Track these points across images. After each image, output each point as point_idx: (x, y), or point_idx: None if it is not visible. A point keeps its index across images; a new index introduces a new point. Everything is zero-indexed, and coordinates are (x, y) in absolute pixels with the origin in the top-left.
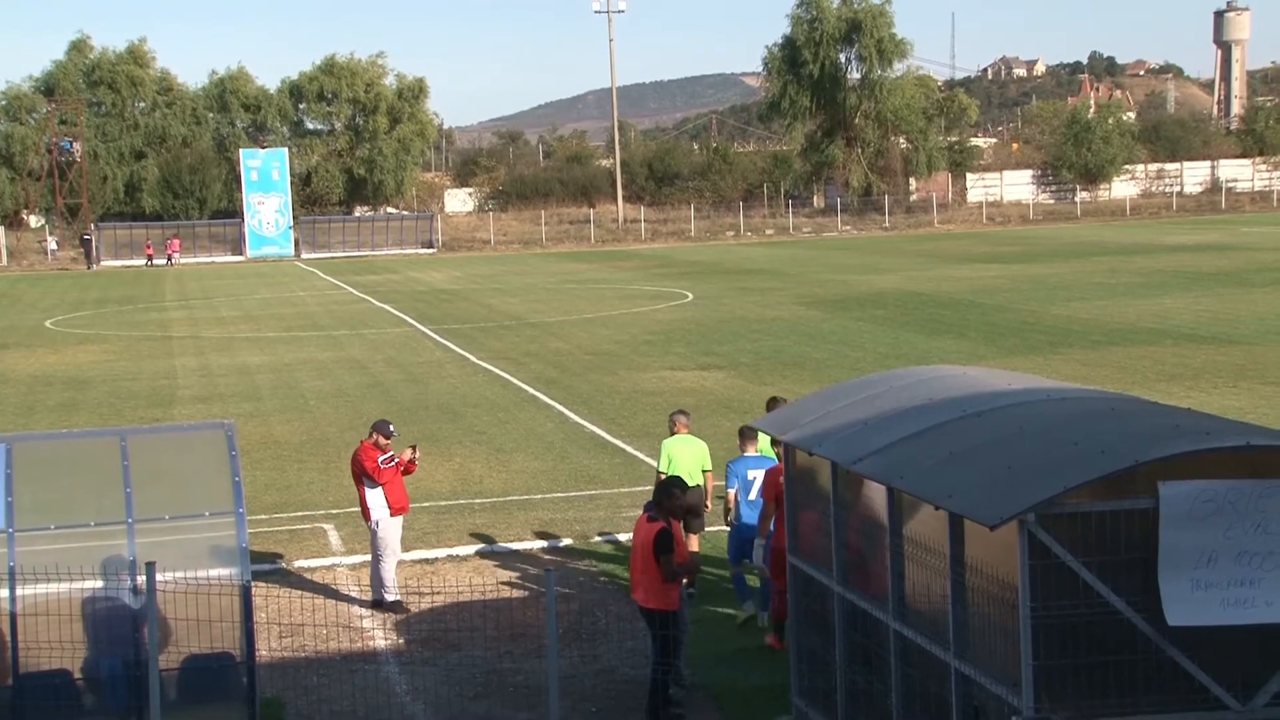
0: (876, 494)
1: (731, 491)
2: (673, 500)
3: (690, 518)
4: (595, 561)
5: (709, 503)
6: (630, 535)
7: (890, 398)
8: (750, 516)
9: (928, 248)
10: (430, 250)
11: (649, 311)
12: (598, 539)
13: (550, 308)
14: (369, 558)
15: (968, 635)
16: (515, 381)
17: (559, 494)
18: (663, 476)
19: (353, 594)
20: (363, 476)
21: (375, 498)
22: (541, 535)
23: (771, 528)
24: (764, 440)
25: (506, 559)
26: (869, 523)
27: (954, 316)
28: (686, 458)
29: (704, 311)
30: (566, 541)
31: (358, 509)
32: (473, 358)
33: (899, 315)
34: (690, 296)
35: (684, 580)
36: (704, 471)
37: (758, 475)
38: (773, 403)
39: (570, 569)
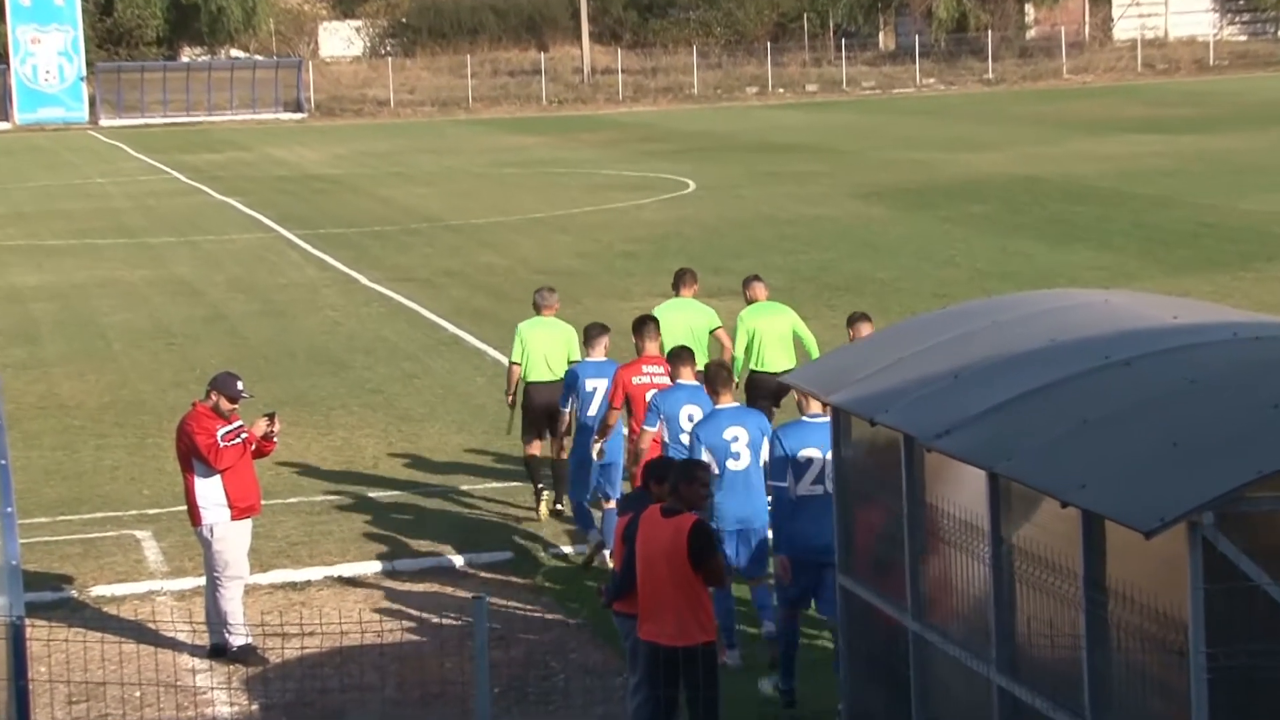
0: (971, 484)
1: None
2: (695, 484)
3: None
4: (549, 584)
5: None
6: (611, 547)
7: (992, 339)
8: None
9: (1052, 110)
10: (298, 115)
11: (629, 209)
12: (552, 551)
13: (480, 203)
14: (204, 581)
15: (1109, 693)
16: (428, 315)
17: (493, 483)
18: (515, 367)
19: (180, 636)
20: (193, 458)
21: (210, 491)
22: (467, 546)
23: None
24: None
25: (414, 581)
26: (960, 528)
27: (1091, 215)
28: (544, 344)
29: (712, 209)
30: (504, 555)
31: (185, 508)
32: (363, 279)
33: (1007, 214)
34: (692, 186)
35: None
36: (571, 361)
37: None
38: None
39: (511, 596)
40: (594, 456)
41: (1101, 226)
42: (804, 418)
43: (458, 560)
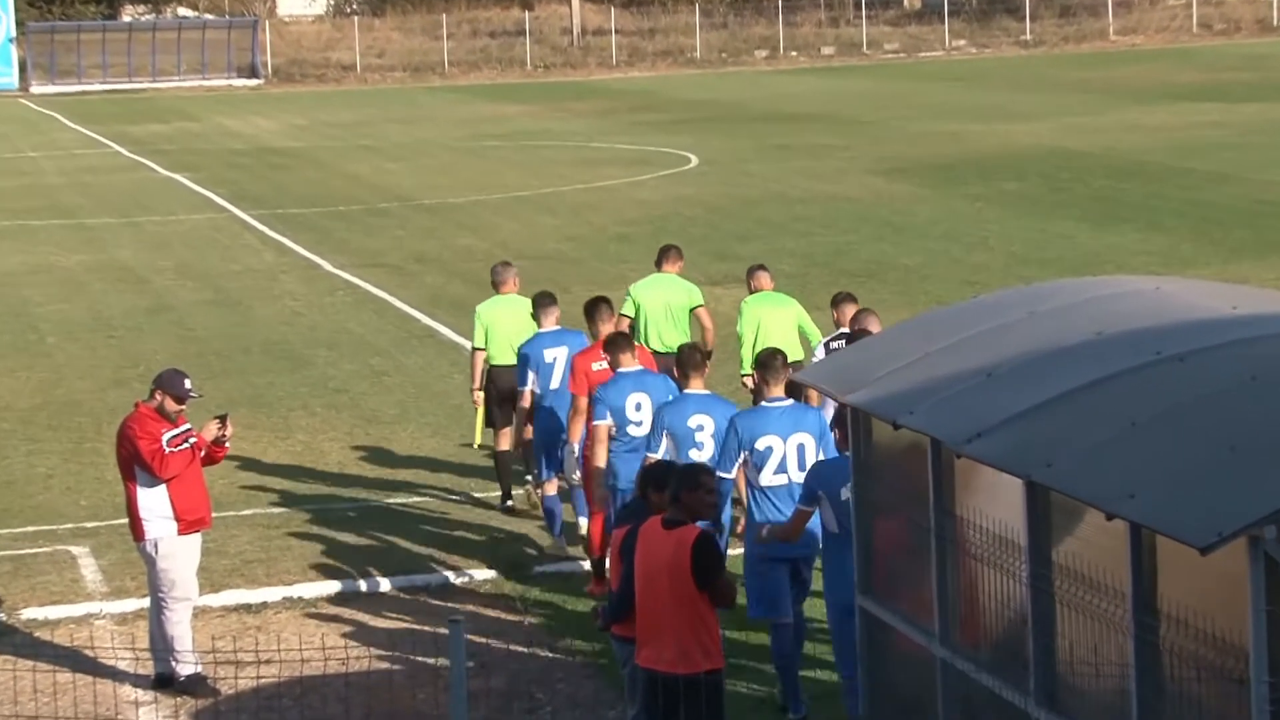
0: (1005, 495)
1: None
2: (700, 490)
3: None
4: (535, 605)
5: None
6: (599, 561)
7: (1029, 332)
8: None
9: (1097, 76)
10: (253, 82)
11: (623, 187)
12: (539, 569)
13: (457, 180)
14: (147, 602)
15: None
16: (398, 305)
17: (473, 493)
18: (480, 353)
19: (122, 665)
20: (135, 466)
21: (155, 502)
22: (443, 563)
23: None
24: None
25: (383, 603)
26: (993, 543)
27: (1140, 193)
28: (508, 324)
29: (716, 186)
30: (485, 574)
31: (127, 521)
32: (326, 265)
33: (1046, 192)
34: (694, 161)
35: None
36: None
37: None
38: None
39: (492, 619)
40: (569, 450)
41: (1151, 205)
42: (764, 403)
43: (432, 579)
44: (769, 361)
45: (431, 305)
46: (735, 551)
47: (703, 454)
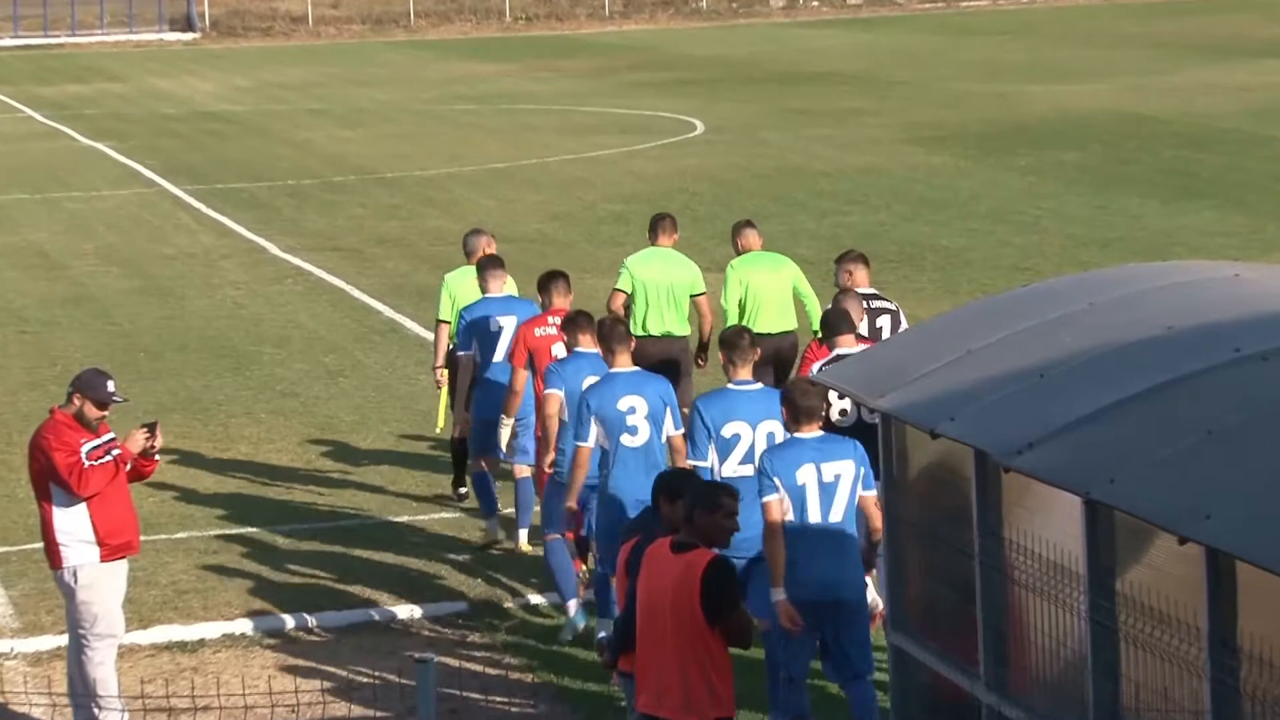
0: (1061, 515)
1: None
2: (719, 513)
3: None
4: (515, 642)
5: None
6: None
7: (1089, 327)
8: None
9: (1168, 28)
10: (188, 36)
11: (618, 158)
12: (519, 601)
13: (425, 150)
14: (66, 640)
15: None
16: (357, 295)
17: (443, 513)
18: (444, 325)
19: (36, 712)
20: (51, 482)
21: (74, 524)
22: (408, 593)
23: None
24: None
25: (340, 639)
26: (1047, 571)
27: (1217, 165)
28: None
29: (725, 158)
30: (456, 605)
31: (41, 545)
32: (273, 248)
33: (1109, 163)
34: (700, 128)
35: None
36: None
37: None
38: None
39: (465, 658)
40: (502, 430)
41: (1230, 179)
42: (729, 385)
43: (396, 612)
44: (735, 340)
45: (395, 295)
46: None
47: (636, 439)
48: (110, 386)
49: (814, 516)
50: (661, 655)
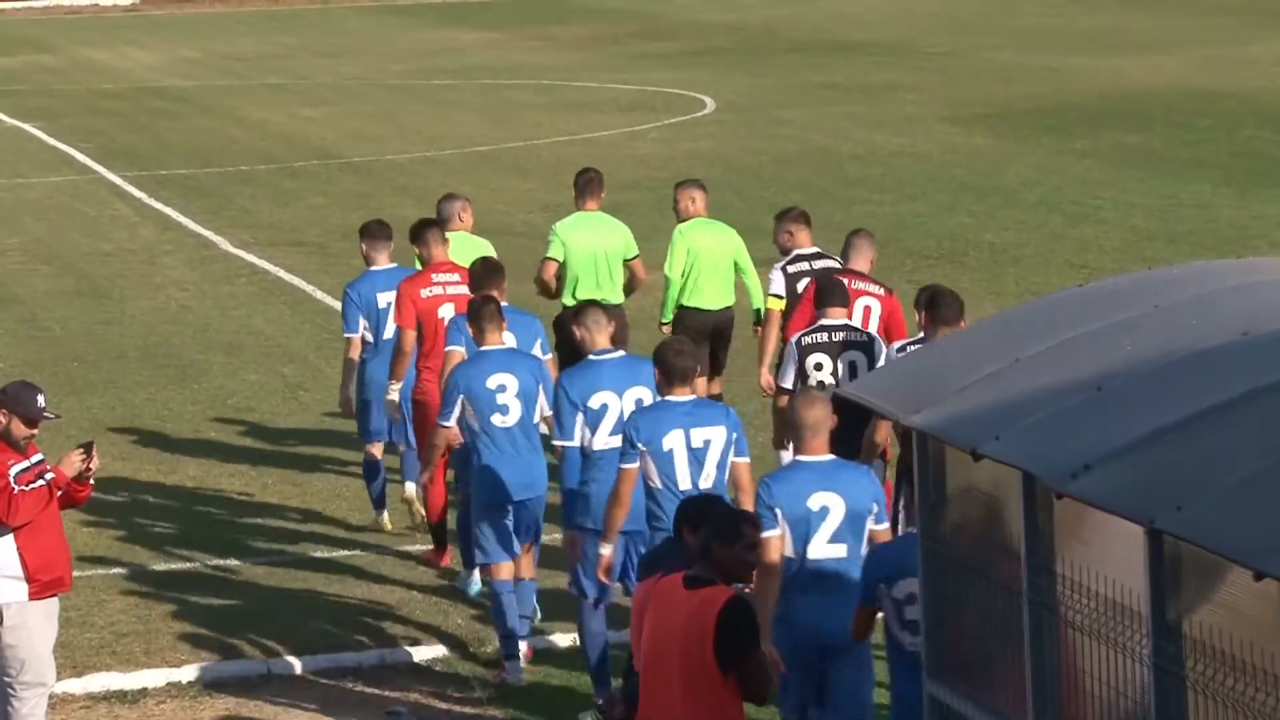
0: (1121, 547)
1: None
2: (739, 545)
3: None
4: (499, 690)
5: None
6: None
7: (1153, 333)
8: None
9: None
10: (127, 1)
11: (618, 140)
12: (494, 647)
13: (397, 131)
14: None
15: None
16: (319, 296)
17: (416, 545)
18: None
19: None
20: None
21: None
22: (379, 636)
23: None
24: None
25: (300, 688)
26: (1105, 610)
27: None
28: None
29: (740, 138)
30: (433, 651)
31: None
32: (224, 243)
33: (1177, 145)
34: (710, 105)
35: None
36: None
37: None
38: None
39: (442, 714)
40: (388, 398)
41: None
42: (591, 357)
43: (364, 658)
44: (587, 311)
45: None
46: None
47: (508, 419)
48: (41, 401)
49: (683, 484)
50: (668, 704)
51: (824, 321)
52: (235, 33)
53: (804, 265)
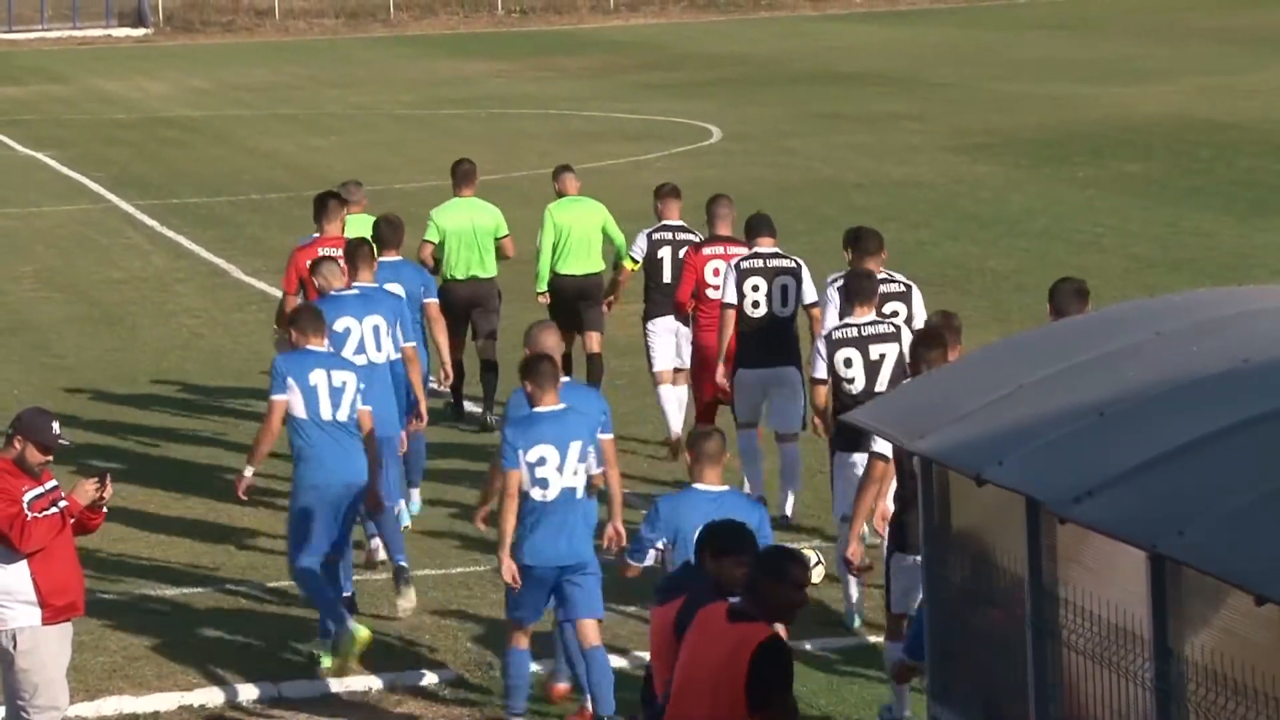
0: (1124, 571)
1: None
2: (787, 585)
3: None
4: (507, 716)
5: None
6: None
7: (1155, 359)
8: None
9: (1245, 22)
10: (139, 32)
11: (625, 169)
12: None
13: (406, 161)
14: (2, 712)
15: None
16: None
17: (426, 569)
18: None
19: None
20: None
21: (13, 581)
22: (386, 660)
23: None
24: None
25: (308, 712)
26: (1108, 635)
27: None
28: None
29: (746, 168)
30: (438, 674)
31: None
32: (237, 271)
33: (1178, 174)
34: (716, 135)
35: None
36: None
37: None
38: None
39: None
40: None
41: None
42: (333, 293)
43: (375, 682)
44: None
45: None
46: None
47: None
48: (55, 428)
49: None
50: None
51: (757, 249)
52: (246, 63)
53: (667, 235)
